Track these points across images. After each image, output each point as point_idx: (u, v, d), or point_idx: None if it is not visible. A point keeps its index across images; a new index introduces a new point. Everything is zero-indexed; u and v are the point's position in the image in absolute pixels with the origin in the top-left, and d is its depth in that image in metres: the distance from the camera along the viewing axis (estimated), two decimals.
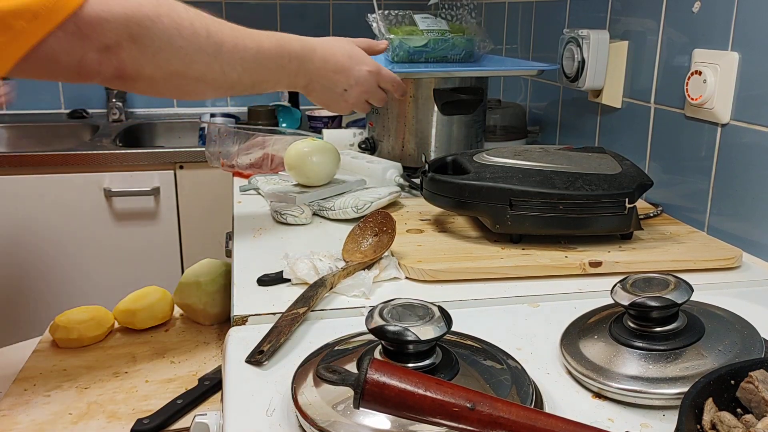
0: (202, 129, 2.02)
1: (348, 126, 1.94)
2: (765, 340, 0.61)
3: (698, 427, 0.48)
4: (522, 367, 0.60)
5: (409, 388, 0.46)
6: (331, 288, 0.80)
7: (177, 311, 1.12)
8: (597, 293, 0.80)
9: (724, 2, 0.98)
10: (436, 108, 1.26)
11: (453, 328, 0.57)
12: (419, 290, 0.82)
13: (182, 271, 1.88)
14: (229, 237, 1.19)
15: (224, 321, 1.08)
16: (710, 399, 0.50)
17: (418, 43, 1.26)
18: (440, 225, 1.01)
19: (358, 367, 0.57)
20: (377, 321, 0.55)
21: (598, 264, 0.86)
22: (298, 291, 0.78)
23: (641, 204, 1.09)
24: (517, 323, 0.75)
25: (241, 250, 0.95)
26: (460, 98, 1.25)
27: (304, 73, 0.97)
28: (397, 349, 0.56)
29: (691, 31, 1.05)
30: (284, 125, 2.06)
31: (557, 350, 0.66)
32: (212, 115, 2.15)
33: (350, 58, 1.01)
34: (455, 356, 0.58)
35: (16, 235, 1.84)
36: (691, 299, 0.61)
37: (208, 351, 1.01)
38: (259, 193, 1.19)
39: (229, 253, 1.15)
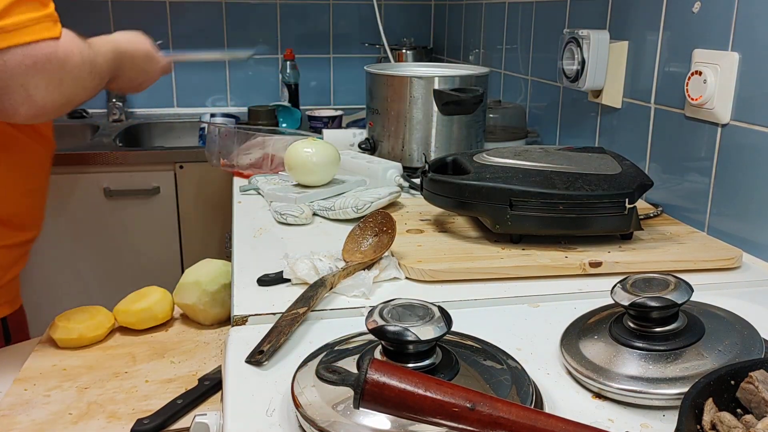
0: (202, 129, 2.02)
1: (348, 126, 1.94)
2: (765, 340, 0.61)
3: (698, 427, 0.48)
4: (522, 367, 0.60)
5: (409, 388, 0.46)
6: (331, 288, 0.80)
7: (177, 311, 1.12)
8: (597, 293, 0.80)
9: (724, 2, 0.98)
10: (436, 108, 1.26)
11: (453, 328, 0.57)
12: (419, 290, 0.82)
13: (182, 271, 1.87)
14: (229, 237, 1.19)
15: (224, 321, 1.08)
16: (710, 399, 0.50)
17: None
18: (440, 225, 1.01)
19: (358, 367, 0.57)
20: (377, 321, 0.55)
21: (598, 264, 0.86)
22: (298, 291, 0.78)
23: (641, 204, 1.09)
24: (517, 323, 0.75)
25: (241, 250, 0.95)
26: (460, 98, 1.25)
27: (119, 70, 1.13)
28: (397, 349, 0.56)
29: (691, 31, 1.05)
30: (284, 125, 2.06)
31: (557, 350, 0.66)
32: (212, 115, 2.15)
33: (150, 60, 1.17)
34: (455, 356, 0.58)
35: None
36: (691, 299, 0.61)
37: (208, 351, 1.00)
38: (259, 193, 1.19)
39: (229, 253, 1.15)
